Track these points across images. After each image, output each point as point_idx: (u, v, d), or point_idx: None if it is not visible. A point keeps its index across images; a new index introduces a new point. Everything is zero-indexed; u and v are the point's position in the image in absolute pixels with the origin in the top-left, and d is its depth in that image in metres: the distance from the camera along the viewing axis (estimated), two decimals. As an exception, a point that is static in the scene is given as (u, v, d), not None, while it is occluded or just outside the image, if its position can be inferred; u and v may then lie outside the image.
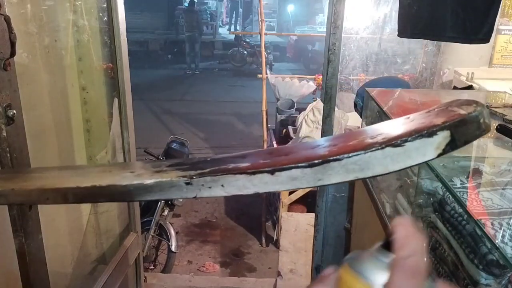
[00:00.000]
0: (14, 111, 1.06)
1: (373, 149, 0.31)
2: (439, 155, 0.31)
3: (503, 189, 1.10)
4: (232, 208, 4.39)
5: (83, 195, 0.38)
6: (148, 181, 0.36)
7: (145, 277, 2.63)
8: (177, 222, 4.04)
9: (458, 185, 1.09)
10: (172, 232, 3.15)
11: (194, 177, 0.35)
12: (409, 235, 0.31)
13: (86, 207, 1.83)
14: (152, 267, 3.19)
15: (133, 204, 2.11)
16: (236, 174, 0.35)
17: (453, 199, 1.05)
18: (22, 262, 1.15)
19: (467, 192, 1.08)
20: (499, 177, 1.17)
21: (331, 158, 0.32)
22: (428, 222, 1.16)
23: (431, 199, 1.17)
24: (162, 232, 3.16)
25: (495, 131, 1.29)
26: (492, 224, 0.99)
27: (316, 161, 0.33)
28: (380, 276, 0.30)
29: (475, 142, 1.45)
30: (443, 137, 0.31)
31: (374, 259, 0.31)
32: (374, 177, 0.37)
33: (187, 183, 0.36)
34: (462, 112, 0.32)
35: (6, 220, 1.11)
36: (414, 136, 0.31)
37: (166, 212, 3.22)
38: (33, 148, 1.21)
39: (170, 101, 8.33)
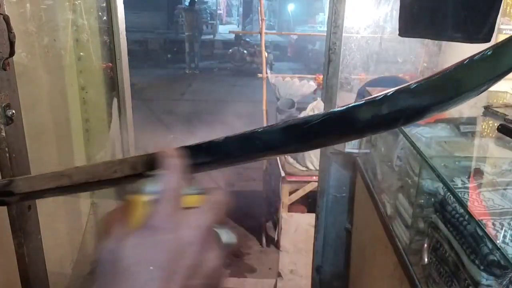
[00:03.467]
0: (13, 111, 1.05)
1: None
2: None
3: (504, 189, 1.10)
4: (232, 208, 4.38)
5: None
6: None
7: (145, 277, 2.63)
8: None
9: (459, 185, 1.08)
10: (172, 232, 3.14)
11: None
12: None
13: (85, 207, 1.83)
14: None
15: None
16: None
17: (454, 200, 1.04)
18: (21, 262, 1.15)
19: (468, 192, 1.07)
20: (500, 177, 1.16)
21: None
22: (429, 222, 1.16)
23: (432, 199, 1.17)
24: (162, 232, 3.16)
25: (496, 131, 1.29)
26: (493, 224, 0.98)
27: None
28: (155, 186, 0.36)
29: (476, 142, 1.44)
30: None
31: (147, 179, 0.37)
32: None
33: None
34: None
35: (5, 220, 1.10)
36: None
37: (166, 212, 3.21)
38: (32, 148, 1.21)
39: (169, 100, 8.32)
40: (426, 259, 1.13)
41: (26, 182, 0.42)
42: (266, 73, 4.18)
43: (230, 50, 11.94)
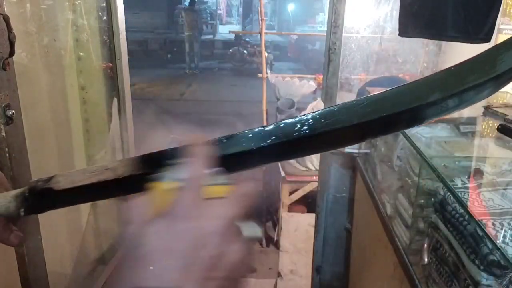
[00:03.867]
0: (13, 111, 1.05)
1: None
2: None
3: (504, 189, 1.10)
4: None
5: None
6: None
7: (145, 277, 2.63)
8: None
9: (459, 185, 1.08)
10: (172, 232, 3.14)
11: None
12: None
13: (85, 208, 1.83)
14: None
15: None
16: None
17: (454, 200, 1.04)
18: (21, 262, 1.15)
19: (468, 192, 1.07)
20: (500, 177, 1.16)
21: None
22: (429, 222, 1.16)
23: (432, 199, 1.17)
24: (162, 232, 3.16)
25: (496, 131, 1.29)
26: (493, 224, 0.98)
27: None
28: (179, 174, 0.36)
29: (476, 142, 1.44)
30: None
31: (170, 167, 0.37)
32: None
33: None
34: None
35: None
36: None
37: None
38: (32, 148, 1.21)
39: (169, 100, 8.32)
40: (426, 259, 1.13)
41: (67, 178, 0.40)
42: (266, 73, 4.18)
43: (230, 50, 11.93)
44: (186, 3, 13.62)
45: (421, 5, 1.51)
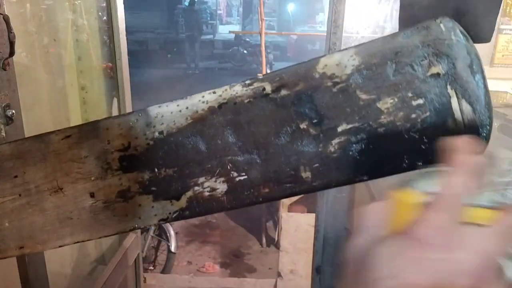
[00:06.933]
0: (13, 111, 1.05)
1: None
2: None
3: (504, 189, 1.10)
4: None
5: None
6: None
7: (145, 278, 2.63)
8: (176, 223, 4.03)
9: (459, 186, 1.08)
10: (172, 232, 3.14)
11: None
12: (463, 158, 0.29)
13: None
14: (152, 267, 3.18)
15: (132, 204, 2.10)
16: None
17: (454, 200, 1.04)
18: (21, 262, 1.15)
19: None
20: (500, 177, 1.16)
21: None
22: (429, 222, 1.16)
23: (432, 199, 1.16)
24: (161, 233, 3.16)
25: (496, 131, 1.29)
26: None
27: None
28: (432, 185, 0.28)
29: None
30: None
31: (422, 173, 0.30)
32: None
33: None
34: None
35: (5, 220, 1.10)
36: None
37: (166, 212, 3.21)
38: (32, 148, 1.20)
39: (169, 101, 8.32)
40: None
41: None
42: (266, 73, 4.18)
43: (230, 50, 11.94)
44: (186, 3, 13.61)
45: (421, 5, 1.51)
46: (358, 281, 0.28)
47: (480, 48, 0.50)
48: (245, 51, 11.61)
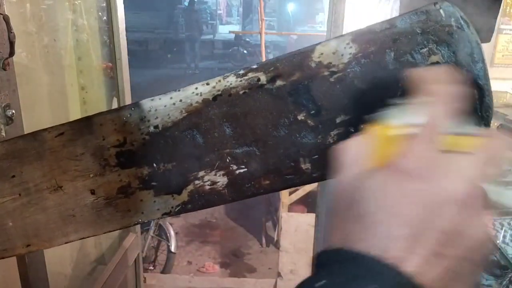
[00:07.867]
0: (13, 111, 1.05)
1: None
2: None
3: (504, 189, 1.10)
4: (232, 208, 4.39)
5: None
6: None
7: (145, 278, 2.63)
8: (176, 223, 4.04)
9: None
10: (172, 232, 3.14)
11: None
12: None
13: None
14: (152, 267, 3.19)
15: (132, 204, 2.10)
16: None
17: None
18: (21, 262, 1.15)
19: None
20: (500, 177, 1.16)
21: None
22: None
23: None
24: (161, 233, 3.16)
25: (496, 131, 1.29)
26: (493, 224, 0.98)
27: None
28: (411, 117, 0.28)
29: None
30: None
31: (400, 106, 0.30)
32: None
33: None
34: None
35: (5, 220, 1.10)
36: None
37: (166, 212, 3.21)
38: (32, 148, 1.20)
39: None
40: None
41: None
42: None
43: (230, 50, 11.94)
44: (186, 3, 13.62)
45: (421, 5, 1.51)
46: (348, 218, 0.28)
47: (480, 48, 0.50)
48: (245, 51, 11.62)
